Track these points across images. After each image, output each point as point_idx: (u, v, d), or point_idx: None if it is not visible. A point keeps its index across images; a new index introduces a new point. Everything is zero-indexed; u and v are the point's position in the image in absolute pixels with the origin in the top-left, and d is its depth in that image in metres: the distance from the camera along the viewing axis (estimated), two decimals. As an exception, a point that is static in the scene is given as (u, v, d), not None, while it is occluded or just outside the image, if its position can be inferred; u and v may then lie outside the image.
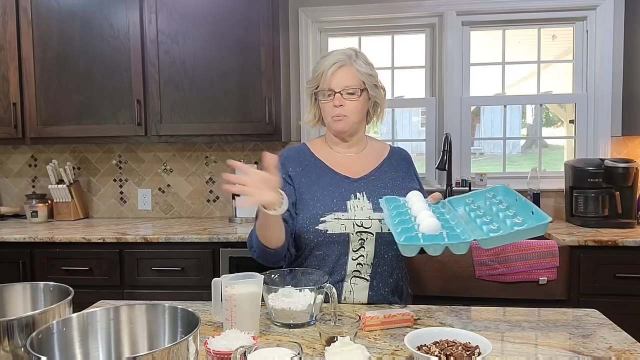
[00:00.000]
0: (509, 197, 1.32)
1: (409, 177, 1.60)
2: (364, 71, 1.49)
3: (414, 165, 1.66)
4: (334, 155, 1.58)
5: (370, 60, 1.54)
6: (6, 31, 2.66)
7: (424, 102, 3.03)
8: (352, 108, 1.49)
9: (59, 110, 2.69)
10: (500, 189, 1.37)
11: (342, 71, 1.48)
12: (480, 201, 1.38)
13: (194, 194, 3.05)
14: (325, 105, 1.52)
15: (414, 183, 1.60)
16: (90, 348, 0.91)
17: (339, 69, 1.48)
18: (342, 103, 1.48)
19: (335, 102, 1.48)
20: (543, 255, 2.17)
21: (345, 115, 1.49)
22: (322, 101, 1.52)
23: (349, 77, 1.48)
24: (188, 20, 2.60)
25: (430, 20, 2.95)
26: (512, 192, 1.32)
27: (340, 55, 1.50)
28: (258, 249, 1.42)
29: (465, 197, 1.41)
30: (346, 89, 1.47)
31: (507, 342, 1.12)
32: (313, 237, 1.45)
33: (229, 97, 2.62)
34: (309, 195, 1.49)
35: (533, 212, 1.19)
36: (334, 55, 1.50)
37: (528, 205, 1.23)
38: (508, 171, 3.05)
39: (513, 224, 1.16)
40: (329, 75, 1.48)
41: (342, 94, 1.47)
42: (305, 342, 1.12)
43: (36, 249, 2.44)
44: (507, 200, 1.32)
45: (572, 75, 2.92)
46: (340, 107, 1.48)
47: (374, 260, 1.46)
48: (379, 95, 1.55)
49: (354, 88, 1.48)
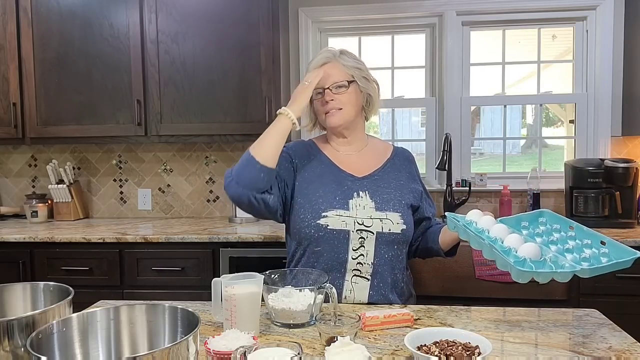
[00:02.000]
0: (557, 222, 1.29)
1: (411, 178, 1.60)
2: (350, 65, 1.52)
3: (416, 166, 1.66)
4: (337, 153, 1.59)
5: (357, 57, 1.57)
6: (6, 31, 2.66)
7: (424, 102, 3.03)
8: (344, 100, 1.51)
9: (59, 110, 2.69)
10: (547, 215, 1.34)
11: (328, 68, 1.51)
12: (533, 223, 1.33)
13: (194, 194, 3.05)
14: (317, 104, 1.54)
15: (416, 184, 1.60)
16: (90, 348, 0.91)
17: (325, 64, 1.52)
18: (332, 97, 1.50)
19: (325, 98, 1.50)
20: (543, 255, 2.17)
21: (339, 109, 1.50)
22: (315, 101, 1.54)
23: (335, 73, 1.51)
24: (188, 20, 2.60)
25: (430, 20, 2.95)
26: (560, 218, 1.29)
27: (324, 54, 1.54)
28: (243, 169, 1.38)
29: (520, 220, 1.35)
30: (334, 84, 1.50)
31: (507, 342, 1.12)
32: (314, 232, 1.45)
33: (229, 97, 2.62)
34: (313, 189, 1.50)
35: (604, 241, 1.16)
36: (318, 57, 1.55)
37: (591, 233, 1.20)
38: (508, 171, 3.05)
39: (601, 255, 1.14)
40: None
41: (331, 89, 1.50)
42: (305, 342, 1.12)
43: (36, 249, 2.44)
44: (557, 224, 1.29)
45: (572, 75, 2.92)
46: (331, 101, 1.50)
47: (374, 260, 1.46)
48: (371, 88, 1.56)
49: (342, 81, 1.50)
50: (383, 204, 1.48)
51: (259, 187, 1.39)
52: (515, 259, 1.09)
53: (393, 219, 1.47)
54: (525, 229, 1.31)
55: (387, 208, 1.48)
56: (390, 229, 1.46)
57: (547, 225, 1.30)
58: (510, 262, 1.07)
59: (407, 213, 1.51)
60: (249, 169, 1.38)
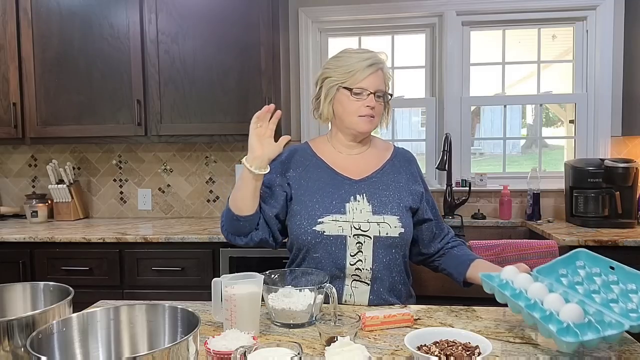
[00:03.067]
0: (596, 265, 1.20)
1: (412, 180, 1.56)
2: (389, 77, 1.53)
3: (418, 167, 1.63)
4: (336, 154, 1.57)
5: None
6: (6, 31, 2.66)
7: (424, 102, 3.03)
8: (378, 110, 1.50)
9: (59, 110, 2.69)
10: (584, 256, 1.24)
11: (378, 74, 1.48)
12: (572, 269, 1.23)
13: (194, 194, 3.05)
14: (352, 103, 1.47)
15: (417, 186, 1.56)
16: (90, 348, 0.91)
17: (377, 71, 1.48)
18: (374, 105, 1.48)
19: (369, 103, 1.47)
20: (543, 255, 2.17)
21: (373, 117, 1.50)
22: (351, 98, 1.47)
23: (381, 81, 1.49)
24: (188, 20, 2.60)
25: (430, 20, 2.95)
26: (598, 258, 1.20)
27: (376, 58, 1.49)
28: (227, 219, 1.46)
29: (556, 267, 1.26)
30: (378, 92, 1.48)
31: (507, 342, 1.12)
32: (310, 239, 1.44)
33: (229, 97, 2.62)
34: (309, 196, 1.49)
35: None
36: (370, 57, 1.48)
37: (634, 274, 1.11)
38: (508, 171, 3.05)
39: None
40: (366, 75, 1.46)
41: (374, 95, 1.47)
42: (305, 342, 1.12)
43: (36, 249, 2.44)
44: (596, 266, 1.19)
45: (572, 75, 2.92)
46: (372, 108, 1.48)
47: (372, 265, 1.44)
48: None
49: (383, 92, 1.50)
50: (381, 207, 1.46)
51: (243, 232, 1.48)
52: (558, 325, 1.00)
53: (391, 223, 1.44)
54: (564, 277, 1.22)
55: (385, 211, 1.45)
56: (387, 232, 1.43)
57: (586, 268, 1.21)
58: (554, 332, 0.98)
59: (405, 216, 1.48)
60: (230, 219, 1.46)
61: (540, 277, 1.22)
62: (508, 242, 2.21)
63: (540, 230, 2.49)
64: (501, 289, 1.16)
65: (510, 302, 1.12)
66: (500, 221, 2.76)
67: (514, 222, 2.75)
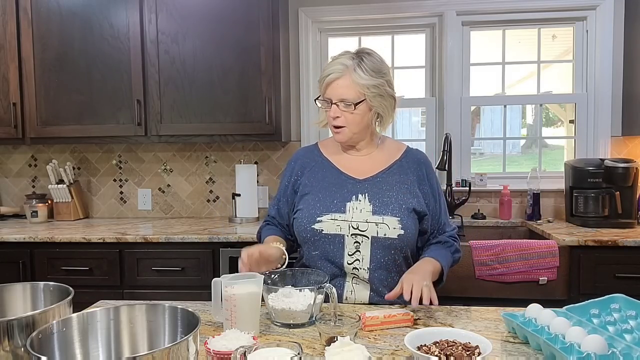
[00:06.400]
0: (633, 308, 1.15)
1: (420, 181, 1.52)
2: (363, 83, 1.41)
3: (431, 168, 1.56)
4: (344, 155, 1.57)
5: (379, 65, 1.45)
6: (6, 31, 2.66)
7: (424, 102, 3.03)
8: (349, 120, 1.45)
9: (59, 110, 2.69)
10: (621, 300, 1.19)
11: (339, 82, 1.42)
12: (605, 310, 1.18)
13: (194, 194, 3.05)
14: (326, 113, 1.49)
15: (424, 187, 1.52)
16: (90, 348, 0.91)
17: (335, 80, 1.42)
18: (338, 114, 1.44)
19: (331, 113, 1.45)
20: (543, 255, 2.17)
21: (343, 127, 1.46)
22: (322, 109, 1.51)
23: (345, 89, 1.42)
24: (188, 20, 2.60)
25: (430, 20, 2.95)
26: (636, 303, 1.15)
27: (338, 65, 1.42)
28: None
29: (589, 307, 1.20)
30: (343, 101, 1.43)
31: (507, 342, 1.12)
32: (310, 236, 1.46)
33: (229, 97, 2.62)
34: (312, 195, 1.50)
35: None
36: (333, 64, 1.44)
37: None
38: (508, 171, 3.05)
39: None
40: (325, 84, 1.45)
41: (338, 105, 1.44)
42: (305, 342, 1.12)
43: (36, 249, 2.44)
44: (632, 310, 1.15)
45: (572, 75, 2.92)
46: (337, 118, 1.45)
47: (370, 265, 1.44)
48: (384, 105, 1.46)
49: (349, 101, 1.42)
50: (381, 208, 1.44)
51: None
52: (578, 355, 0.93)
53: (390, 224, 1.42)
54: (595, 317, 1.16)
55: (385, 212, 1.43)
56: (385, 233, 1.42)
57: (622, 312, 1.16)
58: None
59: (407, 218, 1.44)
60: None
61: (569, 315, 1.15)
62: (508, 242, 2.21)
63: (540, 230, 2.49)
64: (523, 325, 1.12)
65: (531, 338, 1.07)
66: (500, 221, 2.76)
67: (514, 222, 2.75)
